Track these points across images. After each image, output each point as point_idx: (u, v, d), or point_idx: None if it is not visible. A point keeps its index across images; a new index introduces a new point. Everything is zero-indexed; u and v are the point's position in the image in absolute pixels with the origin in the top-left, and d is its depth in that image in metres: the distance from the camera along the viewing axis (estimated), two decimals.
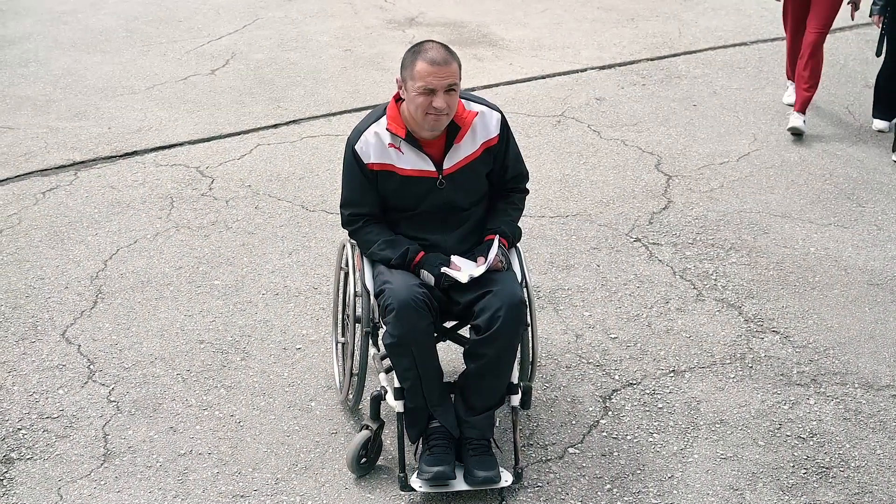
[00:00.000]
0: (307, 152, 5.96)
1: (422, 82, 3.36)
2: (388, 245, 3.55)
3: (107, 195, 5.41)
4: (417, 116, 3.44)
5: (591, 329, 4.47)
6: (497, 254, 3.53)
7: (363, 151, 3.53)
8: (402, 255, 3.51)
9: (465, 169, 3.57)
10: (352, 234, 3.66)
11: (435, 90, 3.37)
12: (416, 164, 3.52)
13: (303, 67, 7.18)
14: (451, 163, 3.54)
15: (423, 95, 3.38)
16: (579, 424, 3.90)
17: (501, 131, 3.61)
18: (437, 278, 3.48)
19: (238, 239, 5.06)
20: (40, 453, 3.68)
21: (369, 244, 3.58)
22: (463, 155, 3.56)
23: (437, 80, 3.36)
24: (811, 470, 3.70)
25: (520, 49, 7.77)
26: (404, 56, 3.47)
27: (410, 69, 3.39)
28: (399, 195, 3.57)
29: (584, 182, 5.75)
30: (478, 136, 3.57)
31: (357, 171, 3.55)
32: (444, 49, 3.42)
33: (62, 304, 4.52)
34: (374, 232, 3.59)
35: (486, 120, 3.59)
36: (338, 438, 3.78)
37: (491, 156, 3.62)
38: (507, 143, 3.65)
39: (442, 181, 3.54)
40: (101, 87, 6.72)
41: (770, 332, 4.48)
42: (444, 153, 3.54)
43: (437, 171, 3.53)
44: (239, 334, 4.36)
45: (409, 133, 3.50)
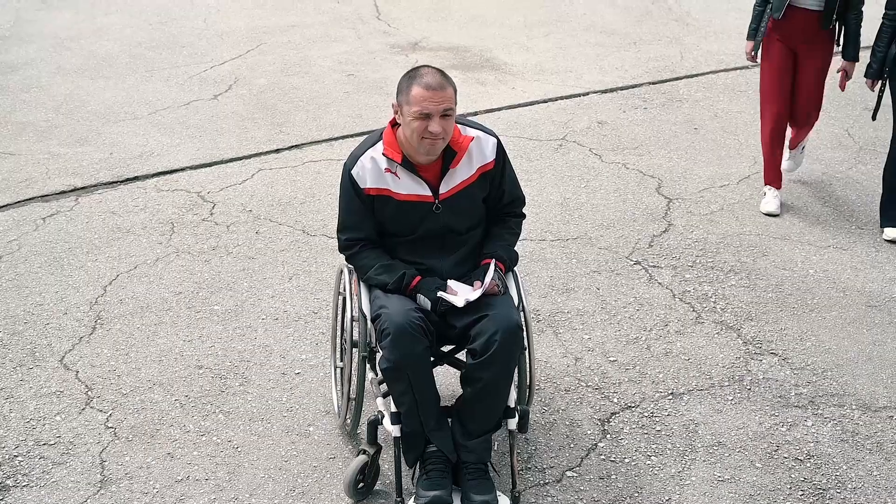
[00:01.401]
0: (309, 177, 5.99)
1: (417, 107, 3.38)
2: (384, 270, 3.56)
3: (107, 221, 5.43)
4: (413, 141, 3.45)
5: (590, 352, 4.46)
6: (493, 278, 3.53)
7: (359, 176, 3.54)
8: (399, 279, 3.52)
9: (462, 194, 3.58)
10: (349, 258, 3.67)
11: (431, 115, 3.39)
12: (412, 189, 3.54)
13: (305, 92, 7.22)
14: (447, 187, 3.56)
15: (418, 120, 3.40)
16: (577, 448, 3.89)
17: (498, 156, 3.63)
18: (433, 303, 3.49)
19: (238, 264, 5.08)
20: (36, 480, 3.68)
21: (366, 269, 3.59)
22: (459, 180, 3.57)
23: (433, 104, 3.39)
24: (808, 492, 3.69)
25: (522, 73, 7.80)
26: (400, 81, 3.50)
27: (406, 94, 3.41)
28: (396, 220, 3.59)
29: (584, 205, 5.76)
30: (474, 161, 3.59)
31: (353, 196, 3.57)
32: (440, 74, 3.45)
33: (61, 330, 4.53)
34: (370, 257, 3.60)
35: (482, 145, 3.60)
36: (336, 463, 3.78)
37: (487, 180, 3.63)
38: (503, 167, 3.67)
39: (438, 206, 3.55)
40: (103, 113, 6.77)
41: (768, 354, 4.47)
42: (441, 178, 3.56)
43: (434, 196, 3.54)
44: (238, 359, 4.36)
45: (406, 158, 3.52)
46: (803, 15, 5.53)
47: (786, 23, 5.57)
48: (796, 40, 5.62)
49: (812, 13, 5.52)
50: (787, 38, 5.62)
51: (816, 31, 5.56)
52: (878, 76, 5.50)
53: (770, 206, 5.80)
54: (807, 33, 5.59)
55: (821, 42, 5.63)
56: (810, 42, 5.62)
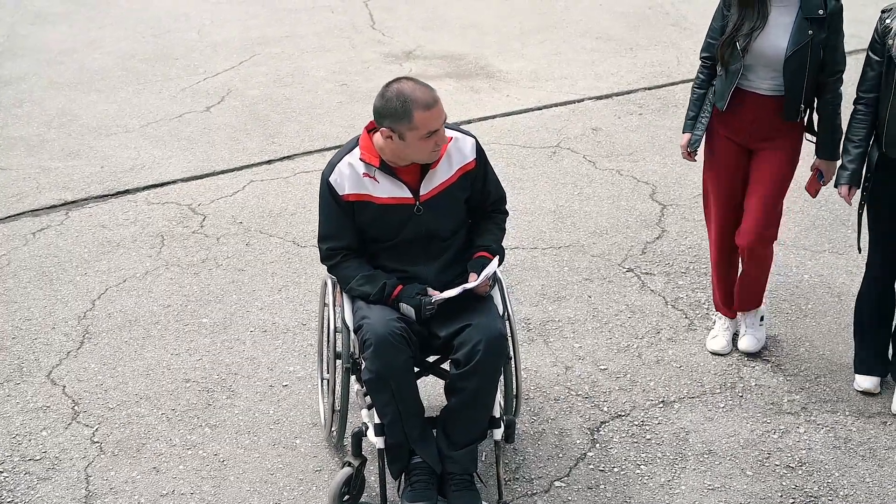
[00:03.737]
0: (300, 188, 5.97)
1: (426, 129, 3.37)
2: (366, 280, 3.53)
3: (97, 234, 5.42)
4: (421, 157, 3.46)
5: (580, 361, 4.43)
6: (488, 277, 3.51)
7: (338, 183, 3.52)
8: (380, 290, 3.49)
9: (443, 194, 3.55)
10: (330, 269, 3.64)
11: (438, 129, 3.39)
12: (392, 192, 3.51)
13: (298, 103, 7.21)
14: (427, 188, 3.54)
15: (429, 139, 3.40)
16: (566, 457, 3.85)
17: (478, 156, 3.62)
18: (416, 309, 3.45)
19: (228, 276, 5.05)
20: (21, 496, 3.66)
21: (348, 279, 3.56)
22: (439, 181, 3.55)
23: (438, 121, 3.39)
24: (799, 499, 3.64)
25: (517, 80, 7.77)
26: (385, 106, 3.38)
27: (407, 122, 3.35)
28: (377, 225, 3.56)
29: (577, 213, 5.73)
30: (454, 162, 3.57)
31: (333, 203, 3.54)
32: (425, 86, 3.42)
33: (48, 345, 4.51)
34: (352, 267, 3.57)
35: (460, 145, 3.59)
36: (322, 476, 3.75)
37: (468, 181, 3.61)
38: (485, 167, 3.66)
39: (419, 207, 3.52)
40: (94, 127, 6.76)
41: (761, 361, 4.43)
42: (420, 180, 3.54)
43: (415, 198, 3.52)
44: (225, 372, 4.34)
45: (383, 162, 3.50)
46: (755, 102, 4.11)
47: (733, 115, 4.16)
48: (749, 137, 4.19)
49: (768, 100, 4.09)
50: (736, 133, 4.20)
51: (776, 125, 4.12)
52: (854, 181, 4.00)
53: (715, 344, 4.45)
54: (762, 127, 4.15)
55: (782, 138, 4.16)
56: (768, 139, 4.16)
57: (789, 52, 4.00)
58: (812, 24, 4.00)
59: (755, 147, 4.22)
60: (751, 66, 4.08)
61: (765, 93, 4.10)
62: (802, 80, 4.03)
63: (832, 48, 4.06)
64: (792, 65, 4.01)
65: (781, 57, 4.01)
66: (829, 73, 4.08)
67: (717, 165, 4.32)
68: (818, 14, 4.00)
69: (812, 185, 4.28)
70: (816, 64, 4.04)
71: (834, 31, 4.05)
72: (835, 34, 4.05)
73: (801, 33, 3.99)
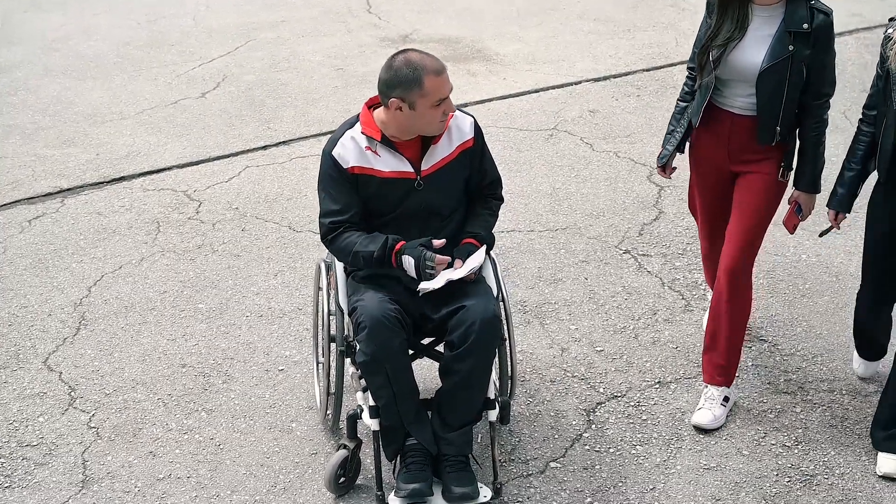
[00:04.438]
0: (296, 173, 5.96)
1: (437, 96, 3.37)
2: (369, 240, 3.46)
3: (93, 222, 5.41)
4: (430, 129, 3.46)
5: (576, 342, 4.42)
6: (474, 268, 3.50)
7: (341, 157, 3.50)
8: (383, 244, 3.43)
9: (443, 170, 3.54)
10: (332, 242, 3.53)
11: (447, 97, 3.40)
12: (394, 166, 3.50)
13: (294, 88, 7.19)
14: (428, 164, 3.53)
15: (437, 107, 3.39)
16: (562, 438, 3.86)
17: (476, 134, 3.62)
18: (416, 260, 3.40)
19: (223, 262, 5.05)
20: (18, 481, 3.67)
21: (351, 246, 3.47)
22: (440, 157, 3.54)
23: (447, 87, 3.40)
24: (795, 478, 3.65)
25: (514, 63, 7.75)
26: (391, 77, 3.38)
27: (418, 88, 3.35)
28: (378, 199, 3.54)
29: (574, 195, 5.71)
30: (453, 139, 3.57)
31: (337, 176, 3.50)
32: (429, 54, 3.45)
33: (45, 332, 4.51)
34: (354, 234, 3.50)
35: (459, 123, 3.59)
36: (318, 459, 3.75)
37: (467, 158, 3.60)
38: (482, 146, 3.66)
39: (420, 182, 3.51)
40: (90, 114, 6.74)
41: (758, 341, 4.43)
42: (421, 155, 3.53)
43: (416, 173, 3.51)
44: (221, 357, 4.34)
45: (385, 136, 3.49)
46: (730, 121, 3.78)
47: (710, 133, 3.85)
48: (728, 158, 3.86)
49: (743, 119, 3.75)
50: (714, 153, 3.88)
51: (754, 147, 3.77)
52: (844, 207, 3.77)
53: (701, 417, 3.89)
54: (738, 149, 3.82)
55: (763, 162, 3.80)
56: (745, 162, 3.83)
57: (764, 66, 3.63)
58: (795, 38, 3.62)
59: (736, 170, 3.86)
60: (726, 81, 3.74)
61: (739, 111, 3.76)
62: (780, 99, 3.66)
63: (818, 68, 3.66)
64: (767, 81, 3.65)
65: (756, 72, 3.66)
66: (814, 95, 3.70)
67: (700, 185, 4.06)
68: (802, 28, 3.61)
69: (790, 219, 3.92)
70: (797, 83, 3.66)
71: (821, 49, 3.65)
72: (822, 52, 3.66)
73: (781, 48, 3.62)
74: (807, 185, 3.86)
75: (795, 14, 3.63)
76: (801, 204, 3.90)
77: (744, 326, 3.96)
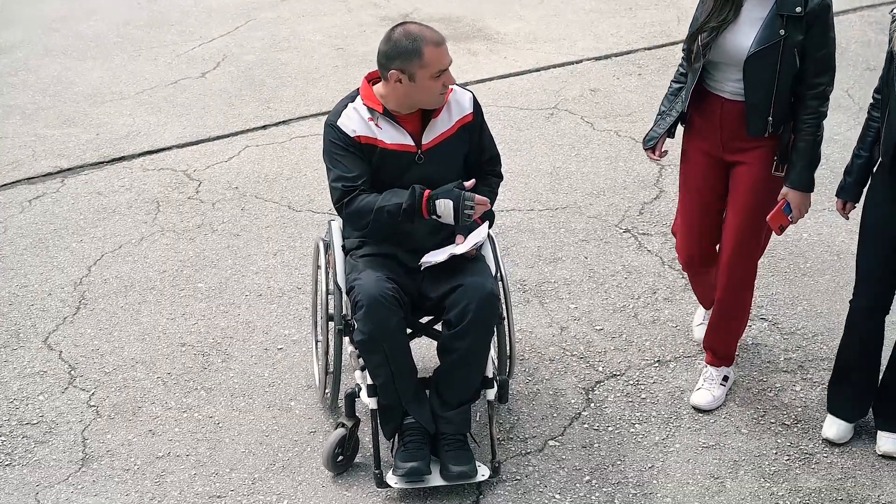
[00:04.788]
0: (296, 152, 5.94)
1: (438, 66, 3.36)
2: (391, 195, 3.42)
3: (93, 201, 5.41)
4: (430, 101, 3.45)
5: (576, 321, 4.42)
6: (476, 245, 3.49)
7: (346, 126, 3.48)
8: (412, 193, 3.39)
9: (444, 145, 3.54)
10: (348, 204, 3.44)
11: (447, 68, 3.39)
12: (395, 139, 3.49)
13: (294, 67, 7.16)
14: (429, 138, 3.52)
15: (437, 79, 3.38)
16: (560, 417, 3.86)
17: (475, 109, 3.62)
18: (454, 202, 3.36)
19: (223, 241, 5.04)
20: (19, 459, 3.68)
21: (371, 204, 3.41)
22: (440, 131, 3.53)
23: (447, 58, 3.40)
24: (794, 456, 3.65)
25: (515, 42, 7.71)
26: (391, 49, 3.39)
27: (418, 59, 3.34)
28: (379, 170, 3.52)
29: (575, 174, 5.70)
30: (453, 113, 3.56)
31: (345, 144, 3.47)
32: (428, 27, 3.44)
33: (45, 311, 4.51)
34: (371, 195, 3.45)
35: (458, 97, 3.59)
36: (316, 437, 3.76)
37: (467, 133, 3.60)
38: (481, 122, 3.66)
39: (420, 156, 3.50)
40: (90, 94, 6.72)
41: (758, 320, 4.42)
42: (422, 129, 3.52)
43: (416, 146, 3.50)
44: (221, 336, 4.34)
45: (386, 109, 3.48)
46: (721, 107, 3.58)
47: (702, 120, 3.66)
48: (721, 147, 3.64)
49: (734, 105, 3.55)
50: (706, 141, 3.68)
51: (745, 135, 3.56)
52: (851, 196, 3.57)
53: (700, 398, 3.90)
54: (729, 136, 3.60)
55: (756, 152, 3.59)
56: (740, 151, 3.61)
57: (752, 50, 3.43)
58: (787, 22, 3.40)
59: (729, 160, 3.65)
60: (717, 64, 3.54)
61: (730, 96, 3.55)
62: (770, 88, 3.45)
63: (812, 56, 3.43)
64: (755, 67, 3.44)
65: (745, 56, 3.46)
66: (808, 85, 3.46)
67: (687, 176, 3.82)
68: (795, 12, 3.38)
69: (776, 218, 3.55)
70: (790, 71, 3.44)
71: (816, 34, 3.42)
72: (818, 39, 3.43)
73: (771, 31, 3.41)
74: (796, 182, 3.53)
75: None
76: (791, 202, 3.55)
77: (745, 318, 3.94)
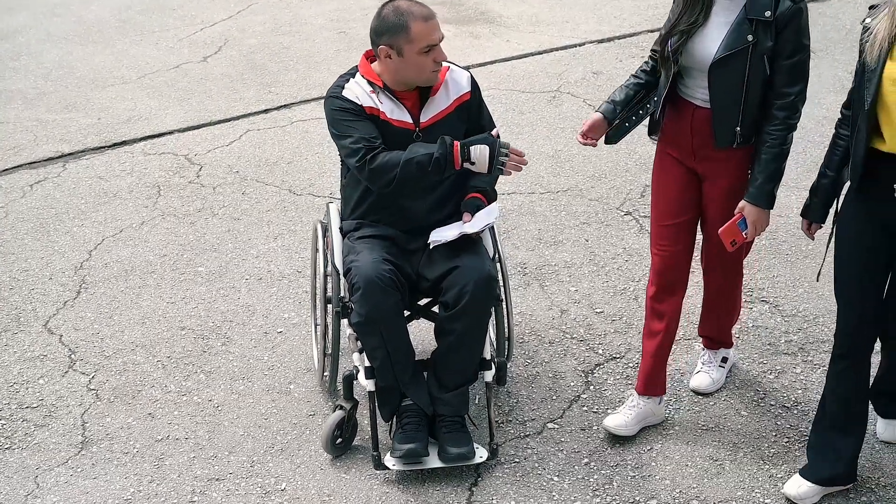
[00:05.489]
0: (297, 136, 5.94)
1: (425, 42, 3.35)
2: (419, 146, 3.40)
3: (94, 186, 5.41)
4: (420, 77, 3.43)
5: (576, 304, 4.41)
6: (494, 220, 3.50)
7: (352, 95, 3.46)
8: (441, 143, 3.37)
9: (442, 123, 3.52)
10: (372, 160, 3.36)
11: (436, 44, 3.36)
12: (395, 114, 3.49)
13: (296, 51, 7.15)
14: (427, 116, 3.51)
15: (426, 54, 3.37)
16: (560, 399, 3.85)
17: (472, 88, 3.61)
18: (490, 147, 3.35)
19: (224, 225, 5.04)
20: (18, 442, 3.69)
21: (398, 157, 3.36)
22: (439, 109, 3.53)
23: (436, 34, 3.38)
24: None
25: (517, 25, 7.68)
26: (380, 24, 3.40)
27: (404, 34, 3.34)
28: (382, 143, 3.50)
29: (576, 157, 5.68)
30: (451, 92, 3.56)
31: (354, 111, 3.44)
32: (418, 3, 3.42)
33: (45, 295, 4.52)
34: (394, 152, 3.40)
35: (456, 77, 3.59)
36: (315, 420, 3.76)
37: (465, 112, 3.59)
38: (479, 100, 3.64)
39: (419, 134, 3.49)
40: (92, 79, 6.72)
41: (759, 302, 4.40)
42: (420, 107, 3.51)
43: (415, 124, 3.49)
44: (221, 320, 4.34)
45: (385, 85, 3.48)
46: (691, 113, 3.37)
47: (674, 126, 3.43)
48: (692, 156, 3.43)
49: (706, 112, 3.34)
50: (677, 149, 3.47)
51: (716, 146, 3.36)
52: (816, 218, 3.32)
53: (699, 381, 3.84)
54: (701, 146, 3.38)
55: (729, 162, 3.39)
56: (709, 160, 3.40)
57: (717, 56, 3.23)
58: (756, 27, 3.19)
59: (701, 171, 3.44)
60: (688, 70, 3.34)
61: (701, 104, 3.34)
62: (738, 96, 3.24)
63: (783, 65, 3.21)
64: (720, 75, 3.24)
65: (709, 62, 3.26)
66: (777, 95, 3.23)
67: (659, 184, 3.57)
68: (764, 16, 3.17)
69: (729, 232, 3.30)
70: (760, 80, 3.23)
71: (788, 41, 3.19)
72: (789, 45, 3.20)
73: (738, 37, 3.20)
74: (754, 196, 3.28)
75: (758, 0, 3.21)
76: (747, 218, 3.30)
77: (735, 311, 3.84)
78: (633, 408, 3.64)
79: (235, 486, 3.47)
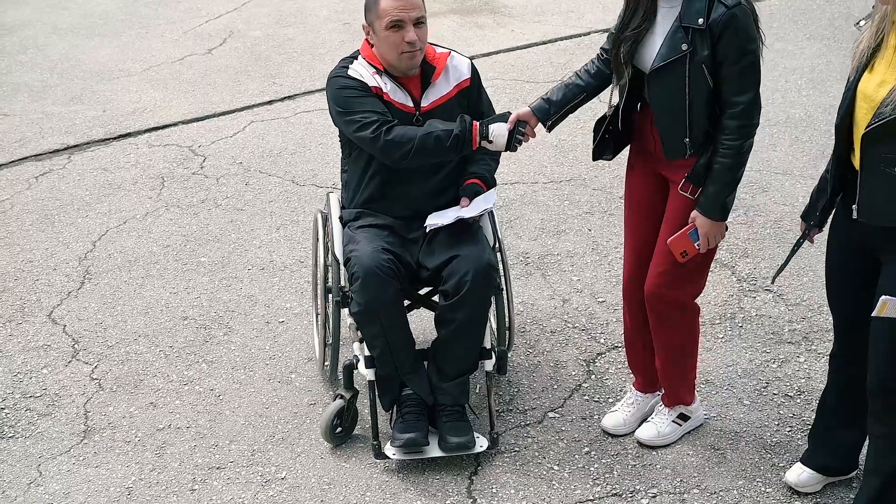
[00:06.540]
0: (300, 128, 5.94)
1: (388, 17, 3.34)
2: (437, 122, 3.39)
3: (98, 177, 5.43)
4: (392, 57, 3.42)
5: (578, 293, 4.40)
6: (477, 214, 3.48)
7: (357, 75, 3.46)
8: (461, 120, 3.35)
9: (443, 108, 3.52)
10: (388, 132, 3.33)
11: (403, 22, 3.35)
12: (398, 96, 3.49)
13: (300, 43, 7.15)
14: (428, 101, 3.52)
15: (393, 31, 3.36)
16: (561, 389, 3.85)
17: (472, 74, 3.62)
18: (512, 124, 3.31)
19: (227, 216, 5.05)
20: (22, 431, 3.71)
21: (413, 133, 3.34)
22: (440, 94, 3.53)
23: (404, 12, 3.35)
24: (796, 427, 3.62)
25: (522, 15, 7.67)
26: (365, 3, 3.45)
27: (375, 9, 3.37)
28: None
29: (580, 147, 5.66)
30: (451, 78, 3.56)
31: (360, 88, 3.43)
32: None
33: (50, 286, 4.54)
34: (409, 126, 3.40)
35: (457, 63, 3.60)
36: (316, 409, 3.76)
37: (465, 98, 3.59)
38: (479, 86, 3.65)
39: (419, 118, 3.49)
40: (97, 71, 6.74)
41: (763, 291, 4.39)
42: (422, 91, 3.51)
43: (415, 108, 3.50)
44: (223, 309, 4.35)
45: (386, 69, 3.48)
46: (650, 118, 3.22)
47: (639, 127, 3.31)
48: (656, 160, 3.28)
49: None
50: (642, 152, 3.35)
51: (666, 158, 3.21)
52: (817, 224, 3.17)
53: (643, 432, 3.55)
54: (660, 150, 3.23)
55: (682, 171, 3.19)
56: (669, 167, 3.24)
57: (653, 66, 3.06)
58: (692, 36, 3.00)
59: (666, 175, 3.27)
60: (642, 74, 3.17)
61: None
62: (682, 107, 3.06)
63: (725, 73, 3.02)
64: (659, 85, 3.08)
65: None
66: (725, 104, 3.05)
67: (630, 189, 3.48)
68: (697, 24, 2.98)
69: (680, 242, 3.16)
70: (702, 89, 3.04)
71: (727, 48, 2.99)
72: (729, 53, 2.99)
73: (673, 46, 3.02)
74: (705, 207, 3.12)
75: (693, 5, 3.00)
76: (699, 228, 3.15)
77: (682, 359, 3.48)
78: (632, 405, 3.63)
79: (236, 474, 3.48)
